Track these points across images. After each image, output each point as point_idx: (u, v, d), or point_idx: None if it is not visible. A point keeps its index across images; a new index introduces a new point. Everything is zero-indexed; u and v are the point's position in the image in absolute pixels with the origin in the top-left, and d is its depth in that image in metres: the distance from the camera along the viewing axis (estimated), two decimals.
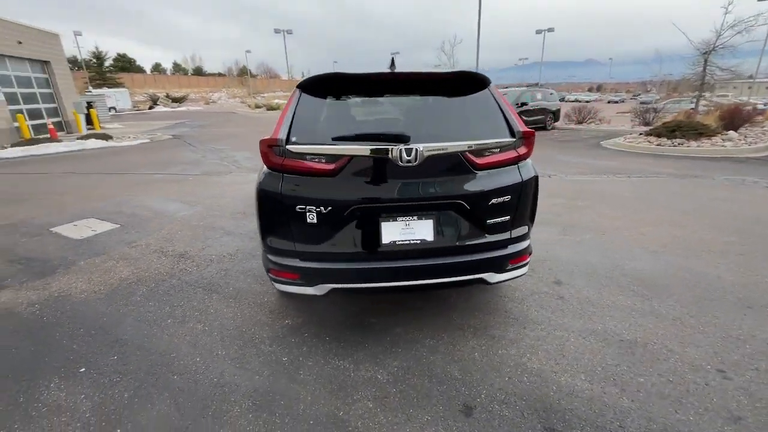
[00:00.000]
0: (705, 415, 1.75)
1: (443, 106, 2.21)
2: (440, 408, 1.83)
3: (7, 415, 1.86)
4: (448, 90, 2.20)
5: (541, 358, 2.15)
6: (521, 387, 1.95)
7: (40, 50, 14.73)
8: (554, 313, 2.59)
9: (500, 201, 2.08)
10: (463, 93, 2.20)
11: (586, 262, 3.32)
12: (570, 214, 4.62)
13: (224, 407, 1.87)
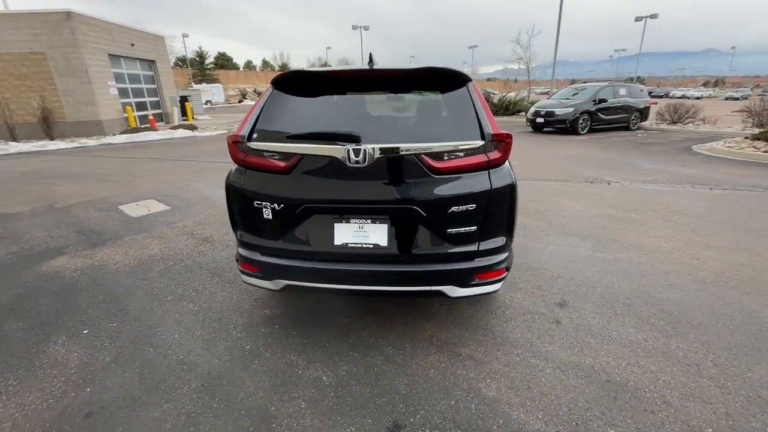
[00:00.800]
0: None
1: (411, 105, 2.08)
2: (368, 421, 1.76)
3: (17, 361, 2.22)
4: (421, 87, 2.06)
5: (501, 387, 1.94)
6: (464, 415, 1.78)
7: (148, 51, 17.05)
8: (541, 338, 2.31)
9: (463, 209, 1.90)
10: (436, 90, 2.05)
11: (608, 285, 2.90)
12: (614, 228, 4.07)
13: (177, 384, 2.01)
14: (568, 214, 4.56)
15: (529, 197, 5.25)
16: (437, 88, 2.05)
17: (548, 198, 5.22)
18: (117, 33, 14.84)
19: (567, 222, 4.28)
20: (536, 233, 3.96)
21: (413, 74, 2.01)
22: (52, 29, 12.54)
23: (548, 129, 12.93)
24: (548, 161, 7.85)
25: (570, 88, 14.64)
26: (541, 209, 4.74)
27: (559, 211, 4.67)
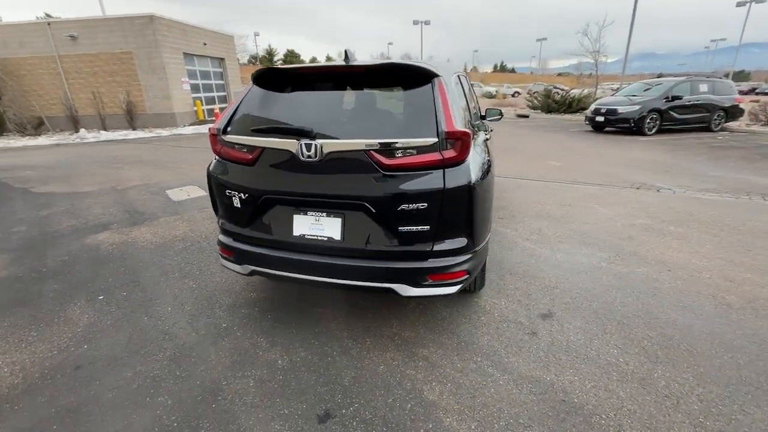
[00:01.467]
0: None
1: (372, 101, 2.07)
2: (303, 407, 1.82)
3: (43, 317, 2.61)
4: (384, 84, 2.05)
5: (445, 392, 1.89)
6: (396, 414, 1.77)
7: (218, 49, 18.51)
8: (508, 348, 2.20)
9: (414, 208, 1.87)
10: (399, 87, 2.02)
11: (608, 300, 2.65)
12: (642, 240, 3.68)
13: (154, 351, 2.24)
14: (594, 221, 4.20)
15: (558, 201, 4.91)
16: (400, 84, 2.03)
17: (579, 203, 4.84)
18: (191, 33, 16.31)
19: (589, 230, 3.95)
20: (550, 239, 3.71)
21: (376, 70, 2.01)
22: (138, 31, 14.15)
23: (610, 129, 11.86)
24: (597, 164, 7.23)
25: (641, 83, 13.21)
26: (566, 215, 4.42)
27: (586, 217, 4.32)
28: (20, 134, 14.16)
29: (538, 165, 7.18)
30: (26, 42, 14.57)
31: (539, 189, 5.51)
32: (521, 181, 5.97)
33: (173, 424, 1.74)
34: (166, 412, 1.81)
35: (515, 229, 4.00)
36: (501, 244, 3.61)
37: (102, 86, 14.84)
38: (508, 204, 4.84)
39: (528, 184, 5.79)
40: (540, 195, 5.21)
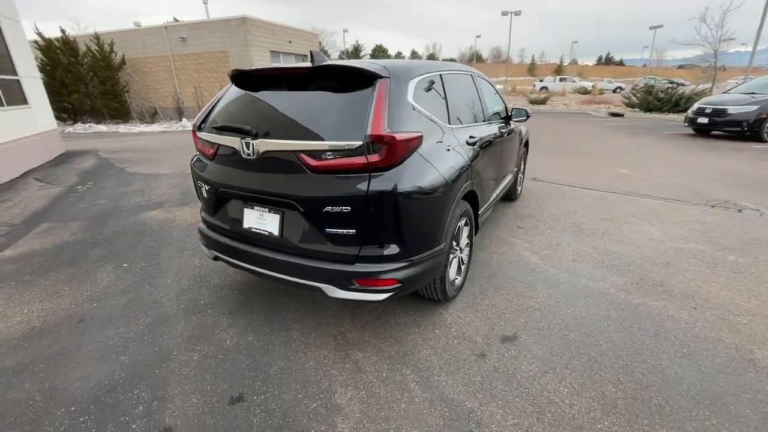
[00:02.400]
0: None
1: (314, 102, 2.08)
2: (224, 386, 1.97)
3: (79, 277, 3.18)
4: (326, 85, 2.05)
5: (355, 399, 1.87)
6: (297, 411, 1.81)
7: (302, 46, 19.80)
8: (445, 366, 2.07)
9: (338, 211, 1.87)
10: (339, 88, 2.01)
11: (591, 333, 2.32)
12: (681, 268, 3.10)
13: (139, 316, 2.60)
14: (632, 240, 3.65)
15: (599, 214, 4.36)
16: (343, 85, 2.01)
17: (625, 218, 4.23)
18: (278, 32, 17.70)
19: (619, 250, 3.45)
20: (563, 257, 3.34)
21: (321, 72, 2.03)
22: (232, 32, 15.82)
23: (717, 132, 9.98)
24: (677, 174, 6.19)
25: (765, 77, 10.80)
26: (599, 230, 3.91)
27: (623, 236, 3.77)
28: (140, 121, 16.96)
29: (599, 171, 6.40)
30: (149, 44, 17.28)
31: (583, 198, 4.94)
32: (566, 189, 5.40)
33: (119, 381, 2.02)
34: (120, 369, 2.10)
35: (529, 241, 3.67)
36: (503, 256, 3.35)
37: (202, 81, 16.96)
38: (536, 213, 4.44)
39: (572, 192, 5.22)
40: (580, 205, 4.67)
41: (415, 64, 2.36)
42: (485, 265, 3.20)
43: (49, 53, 16.46)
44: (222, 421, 1.76)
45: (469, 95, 3.10)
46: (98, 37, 16.76)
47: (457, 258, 2.65)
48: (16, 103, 7.77)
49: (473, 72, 3.31)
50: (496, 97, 3.93)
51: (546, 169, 6.52)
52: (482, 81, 3.52)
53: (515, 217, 4.34)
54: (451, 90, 2.68)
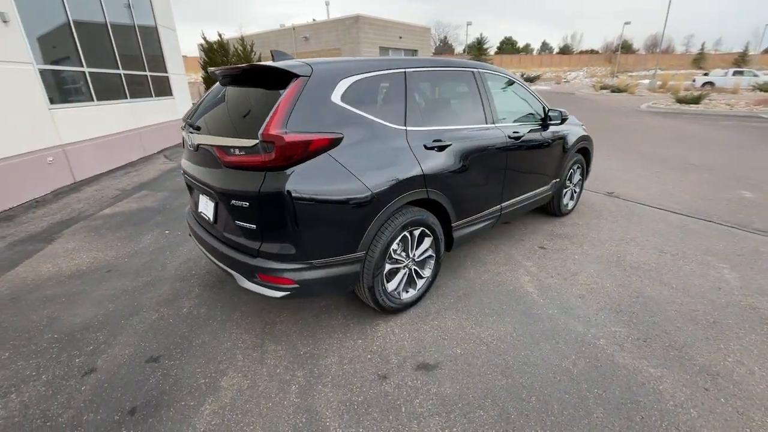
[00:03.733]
0: None
1: (242, 100, 2.14)
2: (154, 346, 2.26)
3: (133, 236, 3.96)
4: (261, 83, 2.09)
5: (233, 386, 1.95)
6: (186, 379, 1.98)
7: (413, 42, 20.07)
8: (340, 377, 1.99)
9: (241, 206, 1.95)
10: (265, 86, 2.04)
11: (532, 386, 1.92)
12: (732, 333, 2.29)
13: (143, 275, 3.13)
14: (685, 286, 2.82)
15: (661, 245, 3.46)
16: (264, 84, 2.04)
17: (696, 255, 3.27)
18: (390, 28, 18.27)
19: (656, 295, 2.71)
20: (569, 290, 2.78)
21: (245, 72, 2.10)
22: (346, 30, 16.97)
23: None
24: None
25: None
26: (648, 266, 3.11)
27: (679, 278, 2.94)
28: None
29: (708, 192, 5.01)
30: (280, 43, 19.74)
31: (655, 224, 3.96)
32: (641, 209, 4.40)
33: (93, 323, 2.49)
34: (102, 314, 2.59)
35: (541, 265, 3.15)
36: (495, 277, 2.97)
37: None
38: (577, 233, 3.75)
39: (645, 214, 4.23)
40: (643, 232, 3.77)
41: (357, 63, 2.23)
42: (467, 283, 2.88)
43: (210, 53, 20.22)
44: (130, 373, 2.05)
45: (459, 96, 2.80)
46: (243, 39, 19.84)
47: (406, 271, 2.47)
48: (163, 95, 9.84)
49: (480, 70, 2.94)
50: (525, 99, 3.44)
51: (634, 184, 5.39)
52: (497, 81, 3.12)
53: (546, 235, 3.75)
54: (421, 89, 2.47)
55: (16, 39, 5.20)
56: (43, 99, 5.62)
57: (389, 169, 2.15)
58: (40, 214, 4.65)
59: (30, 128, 5.36)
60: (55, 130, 5.79)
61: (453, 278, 2.97)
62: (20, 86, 5.28)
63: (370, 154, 2.10)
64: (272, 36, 20.27)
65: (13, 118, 5.08)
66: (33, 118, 5.44)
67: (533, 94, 3.50)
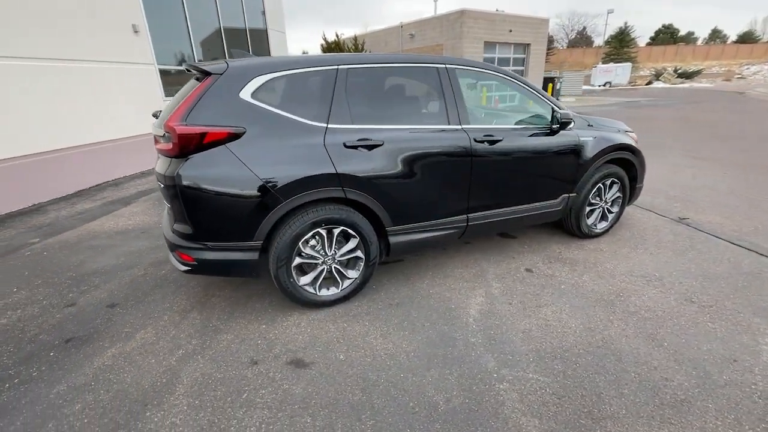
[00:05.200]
0: None
1: (184, 94, 2.38)
2: (120, 295, 2.77)
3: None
4: (199, 81, 2.32)
5: (144, 376, 2.28)
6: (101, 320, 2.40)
7: (524, 35, 18.58)
8: (216, 354, 2.15)
9: (163, 188, 2.23)
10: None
11: (380, 406, 1.79)
12: (699, 410, 1.72)
13: (152, 253, 3.78)
14: (685, 346, 2.16)
15: (697, 292, 2.67)
16: (199, 81, 2.25)
17: (735, 309, 2.44)
18: (498, 22, 17.26)
19: (631, 350, 2.15)
20: (511, 323, 2.39)
21: (188, 70, 2.35)
22: (449, 25, 16.65)
23: None
24: None
25: None
26: (656, 315, 2.45)
27: (687, 334, 2.26)
28: None
29: None
30: (388, 42, 20.47)
31: (712, 263, 3.04)
32: (706, 240, 3.41)
33: (100, 270, 3.15)
34: (112, 264, 3.26)
35: (508, 288, 2.76)
36: (444, 294, 2.73)
37: None
38: (582, 259, 3.15)
39: (707, 247, 3.26)
40: (681, 270, 2.94)
41: (278, 61, 2.29)
42: (411, 293, 2.72)
43: (326, 52, 22.17)
44: (89, 312, 2.56)
45: (411, 94, 2.64)
46: (356, 38, 21.19)
47: (325, 268, 2.47)
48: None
49: (450, 66, 2.67)
50: (527, 99, 3.00)
51: (728, 209, 4.18)
52: (480, 79, 2.81)
53: (547, 257, 3.23)
54: (359, 87, 2.40)
55: (143, 45, 6.64)
56: (159, 92, 7.06)
57: (294, 164, 2.19)
58: (138, 183, 5.92)
59: (148, 115, 6.84)
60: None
61: (400, 285, 2.83)
62: (144, 82, 6.74)
63: (273, 149, 2.17)
64: (381, 35, 21.14)
65: (138, 106, 6.51)
66: (152, 107, 6.91)
67: (539, 95, 3.03)
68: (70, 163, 5.40)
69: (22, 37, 4.76)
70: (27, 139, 4.85)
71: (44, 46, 5.01)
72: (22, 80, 4.77)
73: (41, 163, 4.99)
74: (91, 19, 5.67)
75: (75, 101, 5.49)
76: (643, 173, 3.59)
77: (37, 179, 4.94)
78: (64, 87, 5.30)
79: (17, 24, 4.70)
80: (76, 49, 5.47)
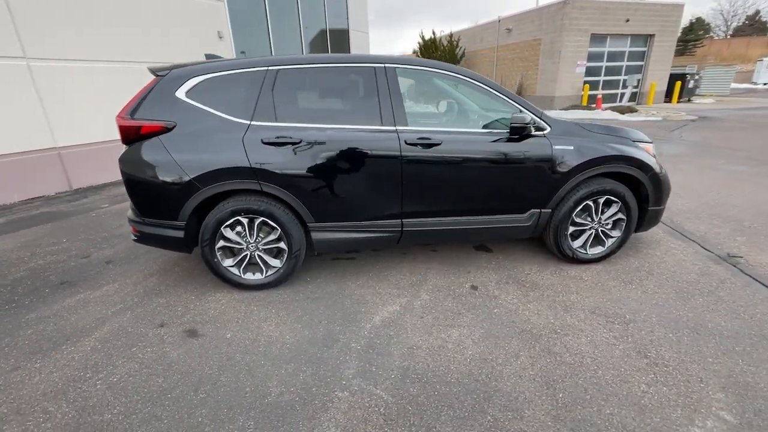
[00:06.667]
0: None
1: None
2: (108, 252, 3.41)
3: None
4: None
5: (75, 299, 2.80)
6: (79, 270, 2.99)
7: (647, 25, 15.86)
8: (135, 317, 2.53)
9: None
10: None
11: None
12: None
13: None
14: (578, 384, 1.80)
15: (691, 343, 2.15)
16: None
17: (690, 371, 1.89)
18: (611, 10, 15.09)
19: (505, 385, 1.88)
20: (401, 339, 2.27)
21: (152, 71, 2.75)
22: (549, 18, 15.19)
23: None
24: None
25: None
26: (573, 352, 2.08)
27: (592, 378, 1.88)
28: None
29: None
30: (484, 37, 19.62)
31: (731, 317, 2.37)
32: (755, 288, 2.63)
33: (129, 232, 3.90)
34: None
35: (430, 302, 2.59)
36: (371, 297, 2.70)
37: (514, 70, 17.66)
38: (549, 284, 2.74)
39: (746, 294, 2.53)
40: (672, 317, 2.36)
41: (214, 64, 2.51)
42: (336, 291, 2.75)
43: (423, 50, 22.31)
44: (89, 265, 3.23)
45: (341, 94, 2.71)
46: (451, 35, 20.84)
47: (247, 254, 2.67)
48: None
49: (390, 66, 2.59)
50: (489, 101, 2.74)
51: None
52: (432, 79, 2.68)
53: (506, 277, 2.90)
54: (288, 87, 2.52)
55: (226, 49, 7.72)
56: None
57: (213, 157, 2.43)
58: None
59: None
60: None
61: (332, 281, 2.88)
62: None
63: (198, 142, 2.44)
64: (478, 30, 20.28)
65: None
66: None
67: (505, 97, 2.73)
68: None
69: (140, 46, 6.06)
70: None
71: (154, 55, 6.24)
72: (135, 79, 6.05)
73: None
74: (183, 28, 6.83)
75: None
76: (659, 194, 2.92)
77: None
78: None
79: (139, 41, 6.01)
80: (173, 55, 6.67)
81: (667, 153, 7.13)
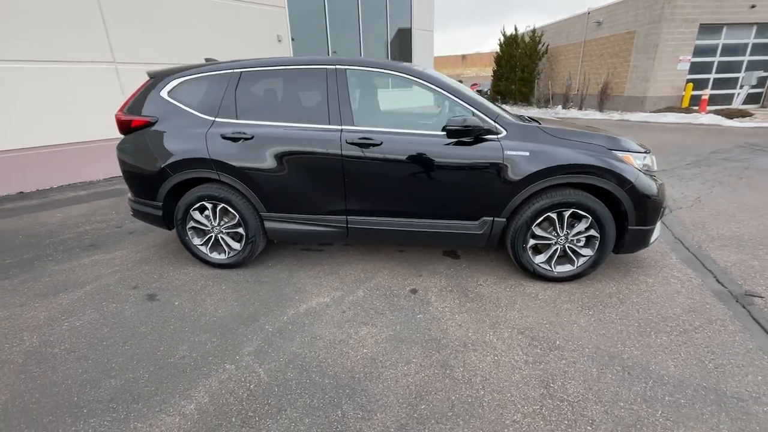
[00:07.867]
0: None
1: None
2: (108, 233, 4.06)
3: None
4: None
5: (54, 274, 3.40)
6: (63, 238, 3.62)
7: None
8: (118, 281, 3.03)
9: None
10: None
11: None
12: None
13: None
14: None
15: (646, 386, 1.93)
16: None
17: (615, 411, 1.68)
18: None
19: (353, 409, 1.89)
20: (290, 336, 2.36)
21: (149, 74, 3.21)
22: (648, 7, 13.33)
23: None
24: None
25: None
26: (473, 368, 1.98)
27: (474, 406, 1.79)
28: (536, 106, 18.88)
29: None
30: (570, 32, 18.00)
31: (726, 354, 2.02)
32: (755, 331, 2.19)
33: None
34: None
35: (352, 305, 2.64)
36: (301, 297, 2.85)
37: (601, 68, 15.93)
38: (490, 295, 2.59)
39: (743, 339, 2.12)
40: (641, 353, 2.08)
41: (194, 68, 2.86)
42: (283, 277, 2.96)
43: (504, 47, 21.28)
44: (119, 232, 3.91)
45: (294, 95, 2.84)
46: (534, 31, 19.53)
47: (212, 236, 3.00)
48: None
49: (341, 67, 2.67)
50: (442, 102, 2.67)
51: None
52: (381, 79, 2.71)
53: (454, 286, 2.79)
54: (253, 87, 2.77)
55: (282, 51, 8.42)
56: None
57: (181, 148, 2.79)
58: None
59: None
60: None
61: (286, 268, 3.08)
62: None
63: (172, 135, 2.82)
64: (564, 25, 18.56)
65: None
66: None
67: (459, 99, 2.62)
68: None
69: (206, 45, 6.96)
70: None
71: (222, 53, 7.14)
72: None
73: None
74: (244, 30, 7.62)
75: None
76: (642, 212, 2.52)
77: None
78: None
79: (204, 39, 6.93)
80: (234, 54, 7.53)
81: (759, 167, 5.88)
